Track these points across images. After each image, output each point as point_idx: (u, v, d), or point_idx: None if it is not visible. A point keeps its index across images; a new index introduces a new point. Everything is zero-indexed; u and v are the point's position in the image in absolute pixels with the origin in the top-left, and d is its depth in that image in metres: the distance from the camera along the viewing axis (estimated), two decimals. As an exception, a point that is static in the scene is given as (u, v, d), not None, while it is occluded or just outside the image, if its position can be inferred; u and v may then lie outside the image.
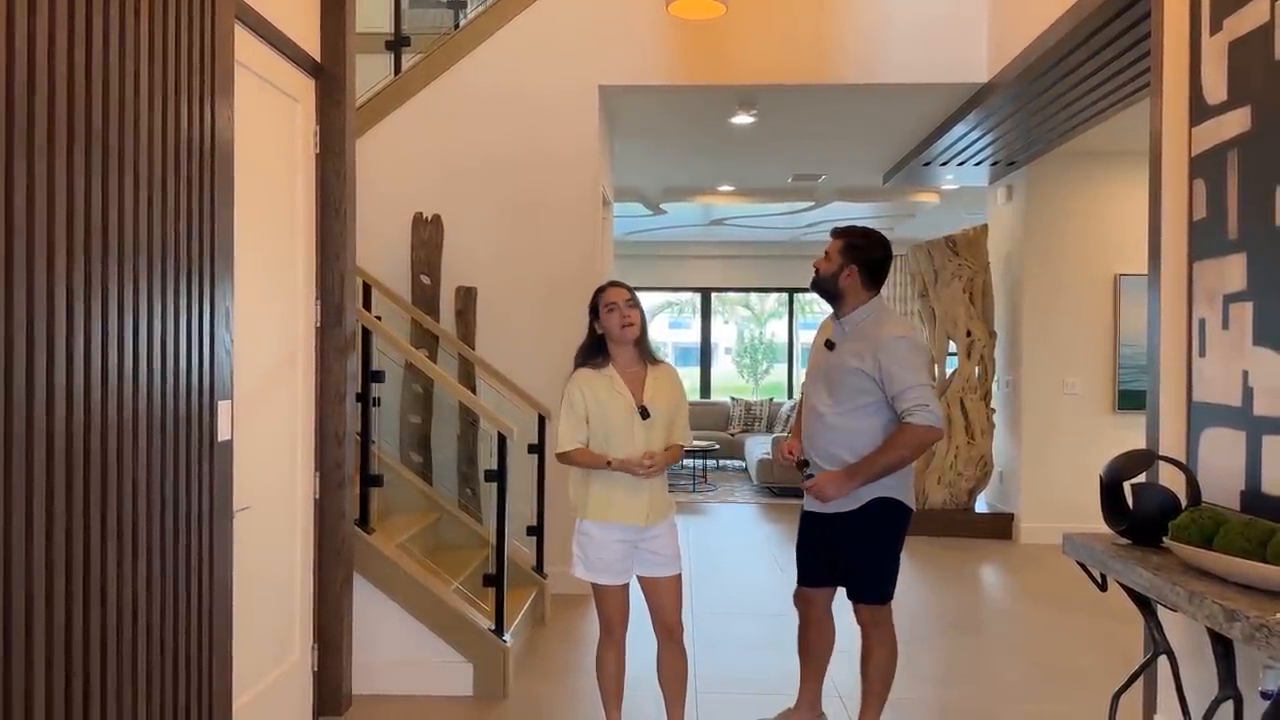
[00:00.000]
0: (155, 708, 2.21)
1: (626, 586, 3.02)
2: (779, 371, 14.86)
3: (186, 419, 2.34)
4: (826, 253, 3.15)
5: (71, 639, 1.89)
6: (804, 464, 3.12)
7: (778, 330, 15.08)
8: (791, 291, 12.72)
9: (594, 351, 3.03)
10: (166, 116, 2.24)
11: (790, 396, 11.26)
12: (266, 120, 3.02)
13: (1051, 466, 6.77)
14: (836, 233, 3.18)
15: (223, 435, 2.53)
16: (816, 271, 3.17)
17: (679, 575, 3.05)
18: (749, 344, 16.21)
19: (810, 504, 3.15)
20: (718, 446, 10.48)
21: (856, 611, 3.13)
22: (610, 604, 3.01)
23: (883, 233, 3.18)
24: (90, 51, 1.94)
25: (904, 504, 3.08)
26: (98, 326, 1.97)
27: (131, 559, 2.10)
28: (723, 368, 15.50)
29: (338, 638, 3.47)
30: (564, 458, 2.99)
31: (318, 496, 3.41)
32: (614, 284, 3.06)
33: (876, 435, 3.01)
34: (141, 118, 2.13)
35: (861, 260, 3.09)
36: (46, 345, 1.81)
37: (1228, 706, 2.44)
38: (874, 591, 3.08)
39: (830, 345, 3.14)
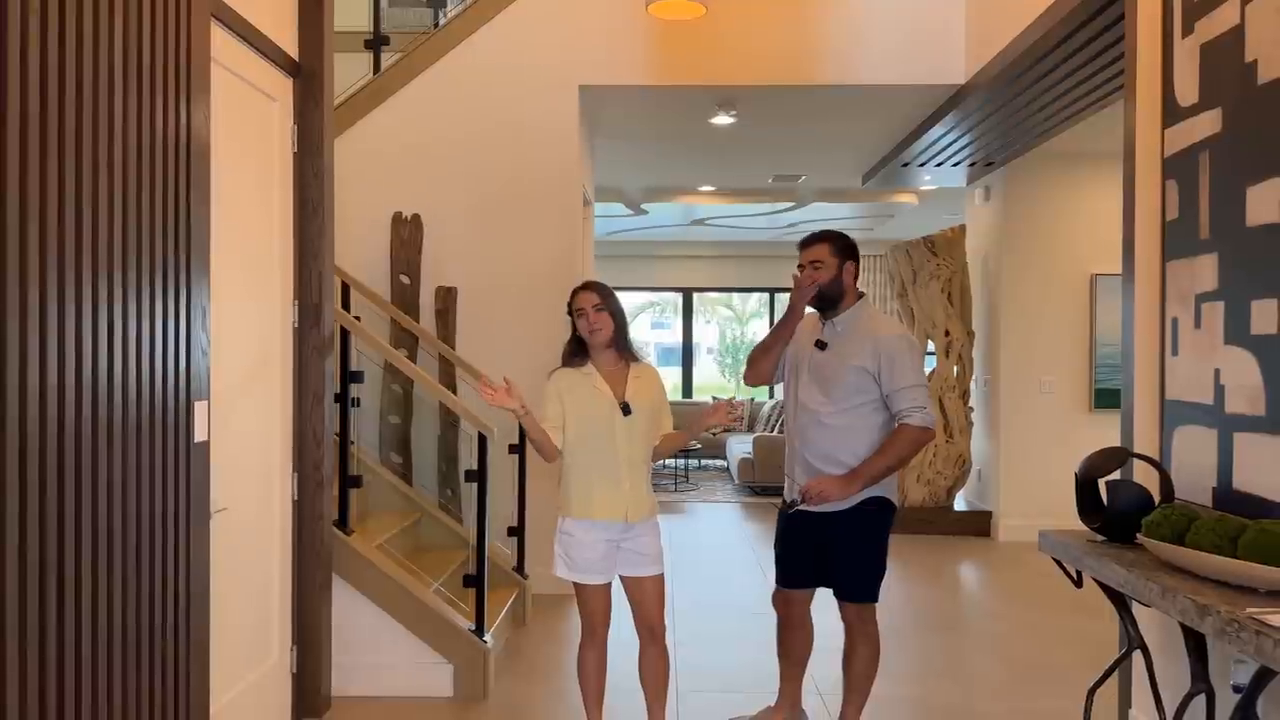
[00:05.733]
0: (132, 710, 2.19)
1: (609, 586, 3.02)
2: (760, 371, 14.88)
3: (163, 420, 2.32)
4: (815, 262, 3.05)
5: (46, 641, 1.87)
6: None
7: (759, 330, 15.13)
8: (773, 291, 12.74)
9: (576, 351, 3.03)
10: (142, 116, 2.22)
11: (771, 396, 11.27)
12: (244, 119, 3.00)
13: (1029, 464, 6.83)
14: (817, 238, 3.12)
15: (199, 436, 2.51)
16: (814, 284, 3.04)
17: (661, 575, 3.05)
18: (730, 344, 16.25)
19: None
20: (699, 445, 10.50)
21: (842, 609, 3.13)
22: (592, 604, 3.01)
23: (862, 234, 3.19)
24: (64, 50, 1.93)
25: (892, 501, 3.10)
26: (71, 326, 1.95)
27: (107, 560, 2.08)
28: (704, 368, 15.52)
29: (317, 639, 3.45)
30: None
31: (296, 498, 3.38)
32: (585, 287, 3.01)
33: (874, 435, 3.00)
34: (116, 117, 2.11)
35: (853, 255, 3.12)
36: (19, 345, 1.79)
37: (1200, 700, 2.47)
38: (864, 590, 3.08)
39: (821, 345, 3.12)
